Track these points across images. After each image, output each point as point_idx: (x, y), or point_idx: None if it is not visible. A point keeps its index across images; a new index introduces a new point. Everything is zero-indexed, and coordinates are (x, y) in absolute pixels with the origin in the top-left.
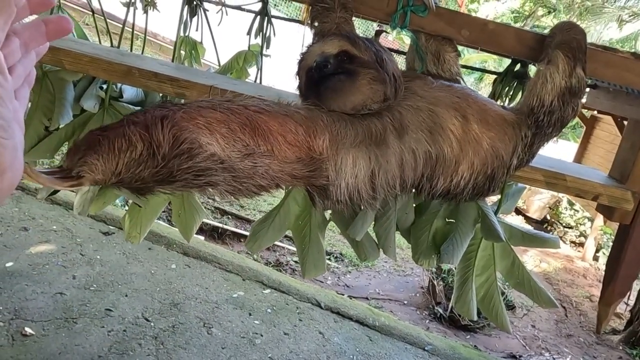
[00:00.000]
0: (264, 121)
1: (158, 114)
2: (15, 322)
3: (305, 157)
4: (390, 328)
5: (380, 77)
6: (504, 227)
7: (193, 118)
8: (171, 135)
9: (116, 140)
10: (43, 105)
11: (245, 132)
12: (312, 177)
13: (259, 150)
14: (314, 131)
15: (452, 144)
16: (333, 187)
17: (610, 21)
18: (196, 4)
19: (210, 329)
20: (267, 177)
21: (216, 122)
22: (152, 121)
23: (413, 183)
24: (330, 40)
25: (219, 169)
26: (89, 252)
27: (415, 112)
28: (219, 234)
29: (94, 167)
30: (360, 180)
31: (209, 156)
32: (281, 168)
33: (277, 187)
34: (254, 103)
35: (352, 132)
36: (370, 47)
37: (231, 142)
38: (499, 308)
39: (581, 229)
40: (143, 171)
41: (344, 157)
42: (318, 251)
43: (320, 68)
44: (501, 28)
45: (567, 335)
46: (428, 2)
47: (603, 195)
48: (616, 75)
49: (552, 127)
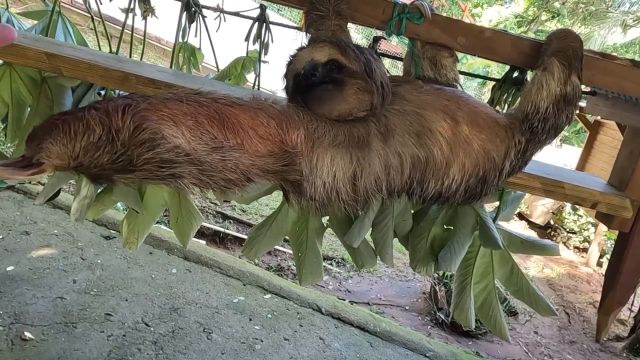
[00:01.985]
0: (233, 114)
1: (121, 102)
2: (15, 326)
3: (278, 150)
4: (392, 334)
5: (367, 88)
6: (502, 234)
7: (158, 109)
8: (132, 123)
9: (73, 124)
10: (42, 111)
11: (214, 125)
12: (285, 171)
13: (227, 144)
14: (287, 124)
15: (442, 147)
16: (307, 183)
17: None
18: (195, 10)
19: (210, 334)
20: (237, 171)
21: (182, 114)
22: (113, 107)
23: (403, 187)
24: (320, 46)
25: (184, 161)
26: (90, 256)
27: (402, 116)
28: (221, 239)
29: (50, 152)
30: (339, 180)
31: (172, 148)
32: (252, 162)
33: (248, 181)
34: (224, 96)
35: (332, 133)
36: (360, 55)
37: (198, 134)
38: (497, 316)
39: (585, 235)
40: (102, 156)
41: (321, 155)
42: (315, 257)
43: (308, 76)
44: (498, 35)
45: (570, 341)
46: (424, 9)
47: (601, 203)
48: (613, 83)
49: (546, 134)
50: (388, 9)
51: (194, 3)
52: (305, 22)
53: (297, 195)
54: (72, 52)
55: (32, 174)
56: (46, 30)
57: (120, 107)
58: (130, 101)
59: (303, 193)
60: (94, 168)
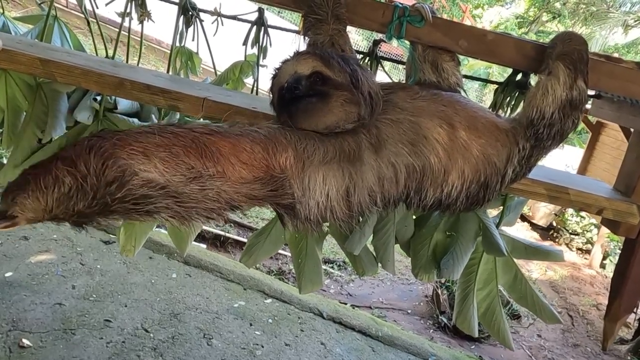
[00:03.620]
0: (212, 142)
1: (87, 144)
2: (12, 333)
3: (264, 175)
4: (394, 338)
5: (354, 99)
6: (506, 239)
7: (127, 144)
8: (98, 164)
9: (43, 178)
10: (37, 117)
11: (190, 154)
12: (275, 196)
13: (206, 173)
14: (273, 148)
15: (439, 153)
16: (300, 205)
17: (615, 26)
18: (192, 14)
19: (210, 340)
20: (220, 200)
21: (155, 146)
22: (79, 154)
23: (399, 197)
24: (303, 59)
25: (159, 195)
26: (89, 261)
27: (395, 125)
28: (221, 242)
29: (24, 206)
30: (333, 199)
31: (144, 183)
32: (236, 189)
33: (233, 209)
34: (202, 125)
35: (322, 150)
36: (345, 66)
37: (172, 165)
38: (500, 323)
39: (588, 236)
40: (76, 204)
41: (312, 174)
42: (315, 265)
43: (291, 90)
44: (500, 38)
45: (573, 344)
46: (424, 12)
47: (608, 209)
48: (620, 86)
49: (551, 140)
50: (388, 12)
51: (191, 7)
52: (303, 26)
53: (291, 217)
54: (66, 57)
55: (5, 227)
56: (42, 35)
57: (85, 150)
58: (96, 141)
59: (297, 216)
60: (71, 216)
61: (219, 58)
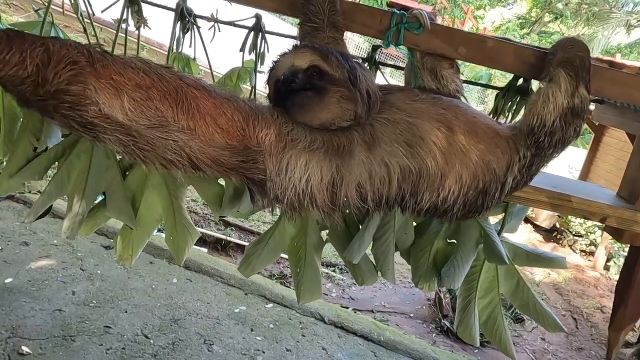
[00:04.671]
0: (194, 97)
1: (74, 56)
2: (12, 340)
3: (238, 145)
4: (396, 343)
5: (351, 96)
6: (508, 247)
7: (107, 75)
8: (64, 82)
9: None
10: (33, 126)
11: (165, 102)
12: (245, 168)
13: (175, 124)
14: (255, 121)
15: (436, 157)
16: (271, 183)
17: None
18: (189, 20)
19: (211, 346)
20: (181, 154)
21: (133, 85)
22: (58, 58)
23: (394, 199)
24: (302, 52)
25: (114, 129)
26: (90, 267)
27: (391, 125)
28: (223, 246)
29: None
30: (314, 186)
31: (101, 117)
32: (203, 150)
33: (194, 168)
34: (194, 79)
35: (309, 138)
36: (344, 63)
37: (141, 108)
38: (502, 332)
39: (591, 238)
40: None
41: (294, 158)
42: (314, 274)
43: (288, 83)
44: (500, 45)
45: (578, 348)
46: (423, 20)
47: (611, 217)
48: (623, 93)
49: (553, 149)
50: (385, 19)
51: (187, 13)
52: (300, 34)
53: (261, 195)
54: None
55: None
56: None
57: (65, 60)
58: (83, 59)
59: (267, 193)
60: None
61: (217, 64)
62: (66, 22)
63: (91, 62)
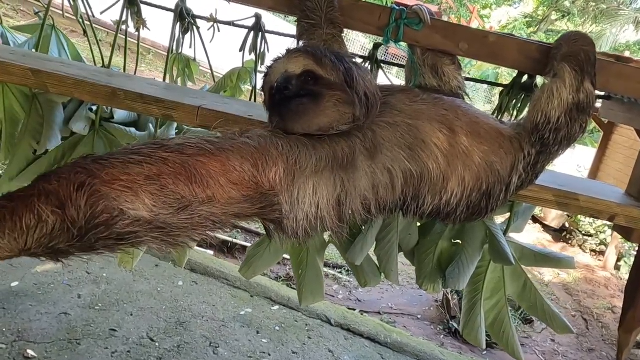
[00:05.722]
0: (202, 165)
1: (75, 180)
2: (18, 344)
3: (254, 194)
4: (403, 345)
5: (348, 99)
6: (514, 247)
7: (116, 179)
8: (88, 208)
9: (24, 216)
10: (32, 129)
11: (179, 182)
12: (264, 213)
13: (196, 200)
14: (263, 164)
15: (438, 159)
16: (288, 220)
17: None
18: (188, 21)
19: (216, 349)
20: (207, 224)
21: (144, 178)
22: (66, 192)
23: (395, 204)
24: (294, 57)
25: (146, 230)
26: (95, 269)
27: (392, 129)
28: (228, 248)
29: None
30: (323, 209)
31: (131, 222)
32: (224, 211)
33: (220, 228)
34: (193, 144)
35: (314, 158)
36: (339, 65)
37: (161, 199)
38: (509, 334)
39: (601, 237)
40: (57, 245)
41: (302, 186)
42: (316, 276)
43: (281, 90)
44: (503, 40)
45: (588, 349)
46: (423, 15)
47: (620, 216)
48: (629, 88)
49: (558, 145)
50: (385, 14)
51: (187, 13)
52: (297, 31)
53: (278, 231)
54: (59, 67)
55: None
56: (38, 45)
57: (74, 187)
58: (85, 177)
59: (284, 230)
60: (48, 252)
61: (217, 64)
62: (69, 25)
63: (93, 174)
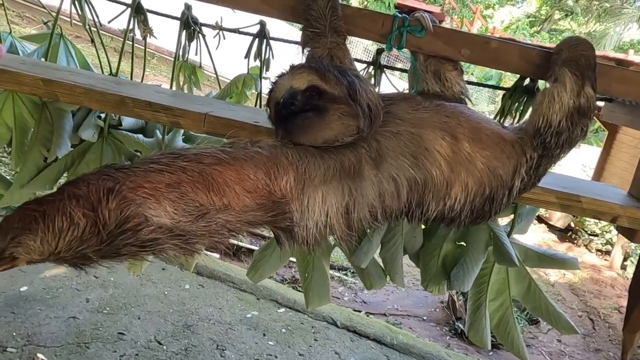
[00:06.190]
0: (218, 173)
1: (103, 185)
2: (28, 348)
3: (266, 202)
4: (409, 346)
5: (351, 112)
6: (518, 248)
7: (139, 186)
8: (118, 212)
9: (56, 219)
10: (42, 136)
11: (198, 191)
12: (275, 220)
13: (213, 208)
14: (275, 172)
15: (441, 166)
16: (298, 228)
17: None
18: (194, 29)
19: (223, 351)
20: (223, 231)
21: (165, 186)
22: (96, 196)
23: (401, 211)
24: (299, 73)
25: (167, 237)
26: (103, 274)
27: (396, 138)
28: (235, 251)
29: (29, 248)
30: (332, 217)
31: (154, 229)
32: (239, 218)
33: (234, 236)
34: (209, 153)
35: (322, 168)
36: (342, 78)
37: (181, 206)
38: (514, 335)
39: (607, 237)
40: (86, 249)
41: (312, 195)
42: (322, 279)
43: (287, 105)
44: (504, 46)
45: (595, 349)
46: (425, 22)
47: (622, 217)
48: (630, 91)
49: (559, 149)
50: (387, 22)
51: (192, 21)
52: (302, 39)
53: (288, 239)
54: (68, 76)
55: (4, 269)
56: (47, 54)
57: (103, 192)
58: (113, 183)
59: (295, 238)
60: (74, 258)
61: (223, 70)
62: (77, 33)
63: (119, 181)
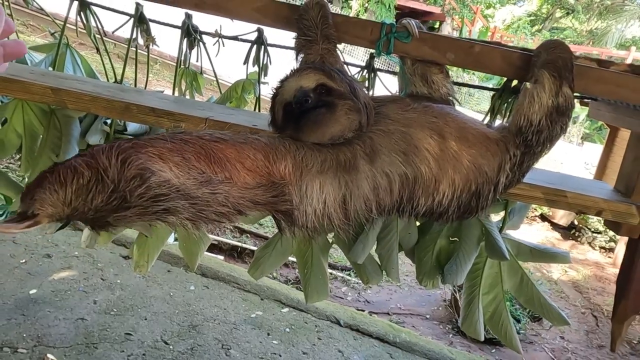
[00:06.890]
0: (219, 149)
1: (106, 145)
2: (38, 349)
3: (266, 182)
4: (412, 344)
5: (355, 107)
6: (510, 243)
7: (143, 147)
8: (119, 160)
9: (62, 171)
10: (51, 142)
11: (201, 160)
12: (275, 202)
13: (216, 178)
14: (273, 156)
15: (430, 163)
16: (298, 212)
17: (631, 19)
18: (194, 37)
19: (228, 351)
20: (228, 204)
21: (168, 151)
22: (97, 150)
23: (393, 205)
24: (305, 74)
25: (176, 196)
26: (110, 276)
27: (387, 136)
28: (238, 253)
29: (43, 201)
30: (329, 206)
31: (163, 182)
32: (242, 194)
33: (239, 214)
34: (209, 133)
35: (319, 159)
36: (344, 78)
37: (185, 169)
38: (507, 327)
39: (610, 234)
40: (95, 198)
41: (310, 183)
42: (321, 275)
43: (302, 103)
44: (487, 50)
45: (598, 346)
46: (411, 28)
47: (606, 211)
48: (609, 90)
49: (541, 146)
50: (375, 29)
51: (193, 30)
52: (296, 46)
53: (289, 224)
54: (76, 85)
55: (28, 226)
56: (54, 63)
57: (105, 148)
58: (114, 143)
59: (295, 222)
60: (89, 211)
61: (223, 76)
62: (82, 40)
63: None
